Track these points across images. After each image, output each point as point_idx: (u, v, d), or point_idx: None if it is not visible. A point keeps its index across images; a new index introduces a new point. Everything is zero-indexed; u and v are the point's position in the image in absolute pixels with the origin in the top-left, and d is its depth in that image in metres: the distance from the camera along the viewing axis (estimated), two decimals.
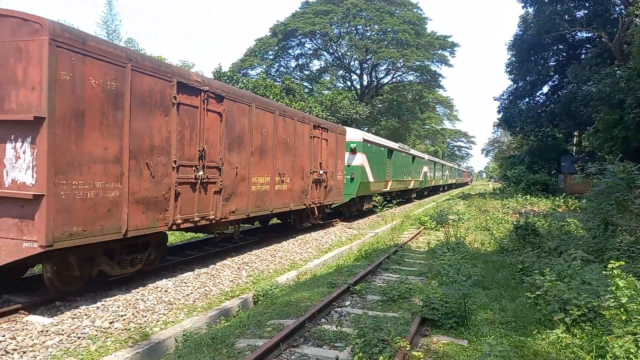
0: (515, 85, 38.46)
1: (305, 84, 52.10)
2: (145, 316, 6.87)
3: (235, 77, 33.42)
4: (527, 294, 6.21)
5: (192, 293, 8.06)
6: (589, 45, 33.98)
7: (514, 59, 37.94)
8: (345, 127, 18.52)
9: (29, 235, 5.58)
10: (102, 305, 6.95)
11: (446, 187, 61.18)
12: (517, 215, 16.69)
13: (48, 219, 5.55)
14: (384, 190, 23.44)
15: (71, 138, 5.82)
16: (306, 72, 54.28)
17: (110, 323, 6.43)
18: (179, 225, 8.04)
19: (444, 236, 12.99)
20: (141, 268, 7.99)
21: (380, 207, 15.16)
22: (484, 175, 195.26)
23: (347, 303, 7.14)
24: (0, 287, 6.92)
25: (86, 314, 6.58)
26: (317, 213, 15.07)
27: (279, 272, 10.32)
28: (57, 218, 5.68)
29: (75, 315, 6.53)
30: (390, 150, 24.62)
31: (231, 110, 9.38)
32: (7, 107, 5.60)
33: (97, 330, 6.17)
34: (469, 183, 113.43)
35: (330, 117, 35.52)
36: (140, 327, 6.50)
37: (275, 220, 15.51)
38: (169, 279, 8.65)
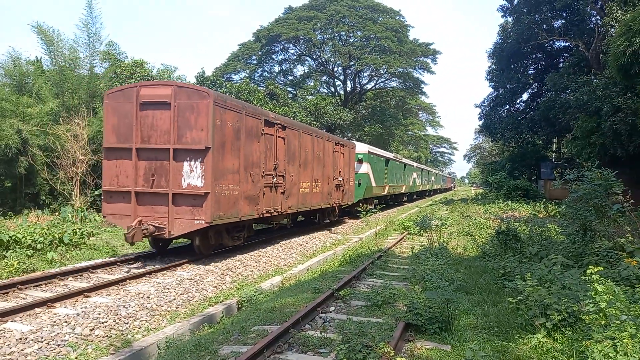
0: (495, 93, 39.00)
1: (289, 89, 52.13)
2: (127, 323, 6.76)
3: (218, 81, 33.28)
4: (509, 298, 6.28)
5: (174, 299, 7.96)
6: (566, 54, 34.74)
7: (494, 66, 38.50)
8: (355, 142, 22.65)
9: (198, 216, 9.52)
10: (82, 311, 6.82)
11: (432, 192, 64.20)
12: (499, 220, 16.90)
13: (210, 207, 9.48)
14: (382, 193, 27.43)
15: (220, 158, 9.81)
16: (290, 78, 54.34)
17: (91, 330, 6.31)
18: (263, 214, 11.89)
19: (427, 241, 13.08)
20: (242, 242, 12.18)
21: (364, 213, 15.25)
22: (466, 181, 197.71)
23: (332, 309, 7.13)
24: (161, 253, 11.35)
25: (66, 321, 6.44)
26: (337, 211, 19.22)
27: (264, 277, 10.27)
28: (214, 206, 9.55)
29: (55, 322, 6.39)
30: (387, 160, 28.77)
31: (289, 135, 13.51)
32: (184, 140, 9.64)
33: (77, 338, 6.04)
34: (452, 188, 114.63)
35: (314, 122, 35.59)
36: (122, 334, 6.39)
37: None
38: (152, 285, 8.53)
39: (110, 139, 10.21)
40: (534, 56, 37.34)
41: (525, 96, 39.44)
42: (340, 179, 18.89)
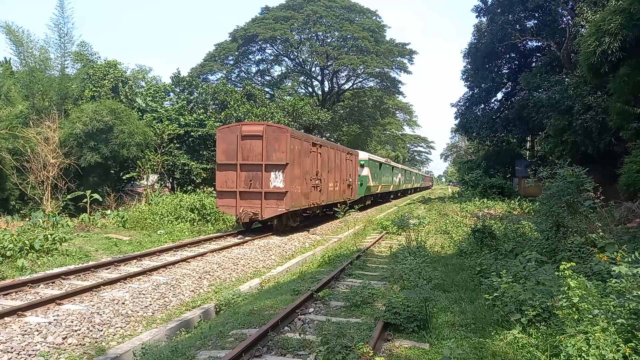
0: (471, 92, 39.46)
1: (267, 89, 51.77)
2: (102, 330, 6.62)
3: (194, 82, 32.94)
4: (485, 295, 6.37)
5: (150, 305, 7.83)
6: (539, 54, 35.43)
7: (469, 66, 38.97)
8: (358, 151, 29.01)
9: (281, 206, 14.95)
10: (55, 320, 6.65)
11: (412, 190, 67.36)
12: (475, 218, 17.15)
13: (288, 200, 14.89)
14: (377, 192, 34.08)
15: (292, 170, 15.08)
16: (267, 78, 54.13)
17: (64, 339, 6.15)
18: (310, 205, 17.54)
19: (405, 240, 13.17)
20: (299, 223, 17.51)
21: (342, 213, 15.31)
22: (443, 180, 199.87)
23: (311, 310, 7.12)
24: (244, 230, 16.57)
25: (38, 330, 6.27)
26: (347, 206, 22.46)
27: (242, 280, 10.19)
28: (289, 200, 14.93)
29: (25, 331, 6.21)
30: (380, 164, 35.20)
31: (323, 151, 19.25)
32: (271, 159, 15.09)
33: (49, 347, 5.89)
34: (430, 187, 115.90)
35: (292, 123, 35.52)
36: (96, 342, 6.25)
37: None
38: (127, 290, 8.37)
39: (221, 157, 15.93)
40: (507, 56, 37.97)
41: (499, 95, 40.03)
42: (350, 180, 24.71)
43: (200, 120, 27.73)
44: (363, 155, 30.16)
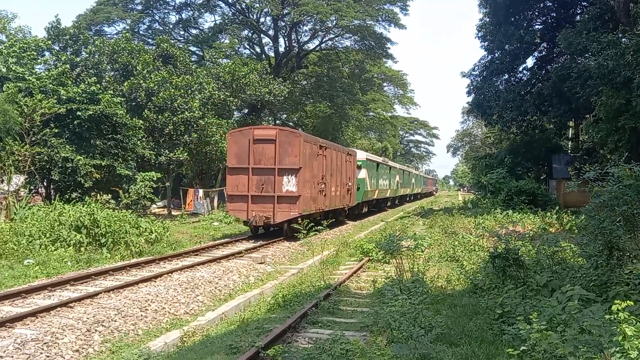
0: (489, 57, 39.99)
1: (193, 48, 51.61)
2: None
3: (83, 37, 32.28)
4: (508, 350, 6.47)
5: None
6: (585, 3, 36.34)
7: (487, 19, 39.58)
8: (355, 150, 37.16)
9: (294, 210, 21.85)
10: None
11: (411, 197, 71.32)
12: (495, 239, 17.44)
13: (301, 204, 21.93)
14: (373, 197, 40.87)
15: (304, 173, 22.11)
16: (194, 32, 53.80)
17: None
18: (317, 210, 24.41)
19: (396, 271, 13.28)
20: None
21: (304, 232, 15.31)
22: (452, 183, 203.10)
23: None
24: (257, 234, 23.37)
25: None
26: (346, 212, 31.52)
27: (153, 333, 10.08)
28: (302, 204, 21.98)
29: None
30: (378, 164, 41.53)
31: (327, 153, 25.83)
32: (284, 163, 21.85)
33: None
34: (434, 193, 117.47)
35: (231, 98, 35.36)
36: None
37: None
38: None
39: (232, 161, 22.24)
40: (541, 5, 38.76)
41: (530, 62, 40.87)
42: (350, 184, 31.37)
43: (91, 93, 27.19)
44: (360, 154, 36.59)
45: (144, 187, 27.44)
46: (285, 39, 54.74)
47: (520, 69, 40.50)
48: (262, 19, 53.89)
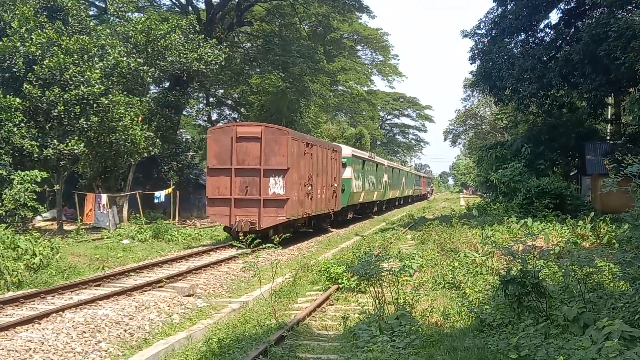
0: (500, 10, 40.13)
1: None
2: None
3: None
4: None
5: None
6: None
7: None
8: (340, 145, 42.51)
9: (281, 214, 27.77)
10: None
11: (401, 201, 76.63)
12: (509, 257, 17.60)
13: (289, 208, 27.76)
14: (359, 201, 46.28)
15: (291, 174, 27.95)
16: None
17: None
18: (303, 215, 30.78)
19: (374, 304, 13.29)
20: (291, 235, 29.23)
21: (245, 250, 15.26)
22: (451, 182, 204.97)
23: None
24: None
25: None
26: (332, 217, 37.53)
27: None
28: (290, 207, 27.90)
29: None
30: (364, 161, 47.43)
31: (314, 151, 32.05)
32: (270, 163, 27.62)
33: None
34: (428, 196, 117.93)
35: (146, 67, 34.96)
36: None
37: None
38: None
39: (213, 161, 27.22)
40: None
41: (554, 16, 41.49)
42: (335, 185, 36.49)
43: None
44: (346, 150, 42.29)
45: (24, 192, 26.72)
46: None
47: (542, 26, 40.85)
48: None
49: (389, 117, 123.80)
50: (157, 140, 36.72)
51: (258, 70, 59.57)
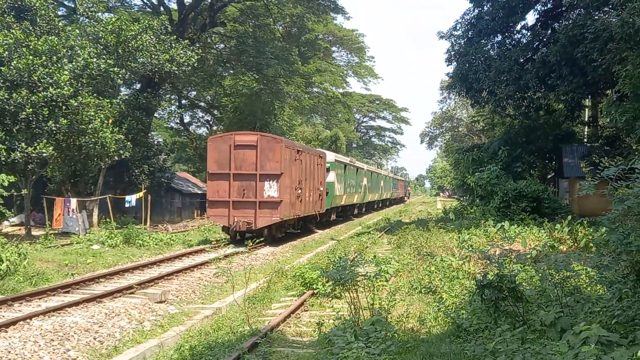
0: (477, 11, 40.30)
1: None
2: None
3: None
4: None
5: None
6: None
7: None
8: (325, 151, 48.60)
9: (275, 215, 32.17)
10: None
11: (380, 204, 79.53)
12: (486, 261, 17.65)
13: (282, 209, 32.25)
14: (341, 203, 50.61)
15: (285, 179, 32.48)
16: None
17: None
18: (294, 217, 35.28)
19: (349, 309, 13.28)
20: (284, 235, 36.06)
21: (219, 255, 15.18)
22: (428, 185, 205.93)
23: None
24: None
25: None
26: (318, 219, 42.06)
27: None
28: (283, 209, 32.38)
29: None
30: (346, 165, 51.70)
31: (303, 157, 36.75)
32: (265, 168, 32.08)
33: None
34: (405, 199, 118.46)
35: (117, 69, 34.77)
36: None
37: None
38: None
39: (213, 167, 31.49)
40: None
41: (531, 17, 41.76)
42: (321, 188, 40.79)
43: None
44: (330, 156, 47.08)
45: None
46: None
47: (518, 27, 41.10)
48: None
49: (364, 119, 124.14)
50: (128, 143, 36.44)
51: (231, 71, 59.45)
